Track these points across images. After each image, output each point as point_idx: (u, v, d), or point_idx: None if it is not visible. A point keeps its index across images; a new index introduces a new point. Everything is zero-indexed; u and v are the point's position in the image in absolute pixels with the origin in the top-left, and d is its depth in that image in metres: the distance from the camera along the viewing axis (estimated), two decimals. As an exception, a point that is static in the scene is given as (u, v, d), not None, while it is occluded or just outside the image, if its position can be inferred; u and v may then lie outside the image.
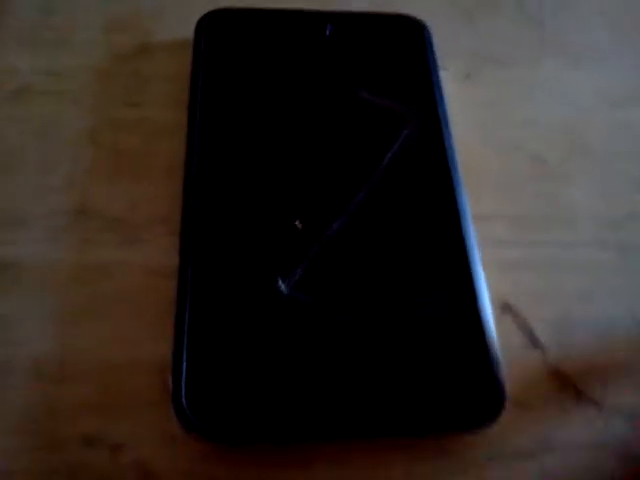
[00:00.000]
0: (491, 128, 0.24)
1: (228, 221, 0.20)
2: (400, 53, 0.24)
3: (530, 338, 0.20)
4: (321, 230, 0.20)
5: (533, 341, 0.20)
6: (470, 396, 0.18)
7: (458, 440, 0.18)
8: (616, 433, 0.18)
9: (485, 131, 0.23)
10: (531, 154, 0.23)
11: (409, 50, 0.24)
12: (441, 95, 0.22)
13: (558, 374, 0.19)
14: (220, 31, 0.23)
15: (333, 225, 0.20)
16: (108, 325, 0.19)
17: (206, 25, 0.23)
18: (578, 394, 0.19)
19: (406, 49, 0.24)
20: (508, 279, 0.20)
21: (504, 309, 0.20)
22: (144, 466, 0.17)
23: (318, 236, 0.20)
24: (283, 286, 0.19)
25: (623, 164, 0.23)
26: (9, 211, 0.20)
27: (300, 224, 0.20)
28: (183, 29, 0.24)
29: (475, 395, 0.18)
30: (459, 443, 0.18)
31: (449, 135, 0.22)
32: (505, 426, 0.18)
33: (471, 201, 0.21)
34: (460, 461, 0.18)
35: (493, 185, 0.22)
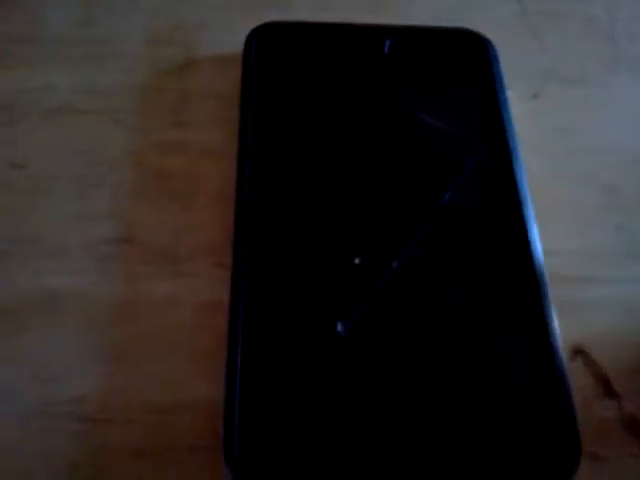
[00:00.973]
0: (561, 154, 0.23)
1: (282, 254, 0.19)
2: (464, 71, 0.23)
3: (605, 386, 0.19)
4: (382, 268, 0.19)
5: (608, 390, 0.19)
6: (545, 450, 0.17)
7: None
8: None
9: (554, 157, 0.23)
10: (604, 183, 0.22)
11: (473, 68, 0.23)
12: (509, 118, 0.21)
13: (635, 425, 0.18)
14: (271, 46, 0.23)
15: (394, 263, 0.19)
16: (153, 364, 0.18)
17: (257, 38, 0.23)
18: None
19: (470, 67, 0.23)
20: (581, 320, 0.19)
21: (576, 354, 0.19)
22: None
23: (378, 274, 0.19)
24: (341, 327, 0.18)
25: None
26: (48, 238, 0.20)
27: (359, 261, 0.19)
28: (228, 43, 0.23)
29: (550, 449, 0.17)
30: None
31: (518, 163, 0.21)
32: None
33: (541, 235, 0.20)
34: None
35: (564, 217, 0.21)
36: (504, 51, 0.23)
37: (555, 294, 0.19)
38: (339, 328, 0.18)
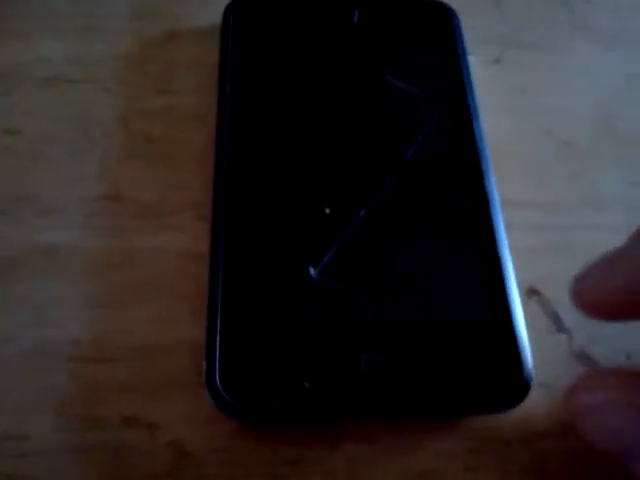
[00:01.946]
0: (520, 113, 0.23)
1: (258, 208, 0.20)
2: (429, 38, 0.23)
3: (556, 323, 0.20)
4: (350, 217, 0.20)
5: (559, 325, 0.20)
6: (497, 378, 0.18)
7: (484, 421, 0.18)
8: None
9: (514, 116, 0.23)
10: (561, 139, 0.23)
11: (438, 35, 0.23)
12: (470, 80, 0.22)
13: (583, 358, 0.19)
14: (247, 17, 0.23)
15: (361, 211, 0.20)
16: (142, 309, 0.19)
17: (233, 11, 0.23)
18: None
19: (435, 34, 0.24)
20: (536, 264, 0.20)
21: (530, 294, 0.20)
22: (180, 446, 0.17)
23: (347, 223, 0.20)
24: (313, 271, 0.19)
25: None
26: (44, 197, 0.21)
27: (330, 210, 0.20)
28: (209, 15, 0.24)
29: (502, 377, 0.18)
30: (485, 424, 0.18)
31: (478, 120, 0.22)
32: (531, 407, 0.18)
33: (501, 187, 0.21)
34: (486, 442, 0.18)
35: (523, 171, 0.22)
36: (468, 20, 0.24)
37: (511, 240, 0.20)
38: (312, 272, 0.19)
